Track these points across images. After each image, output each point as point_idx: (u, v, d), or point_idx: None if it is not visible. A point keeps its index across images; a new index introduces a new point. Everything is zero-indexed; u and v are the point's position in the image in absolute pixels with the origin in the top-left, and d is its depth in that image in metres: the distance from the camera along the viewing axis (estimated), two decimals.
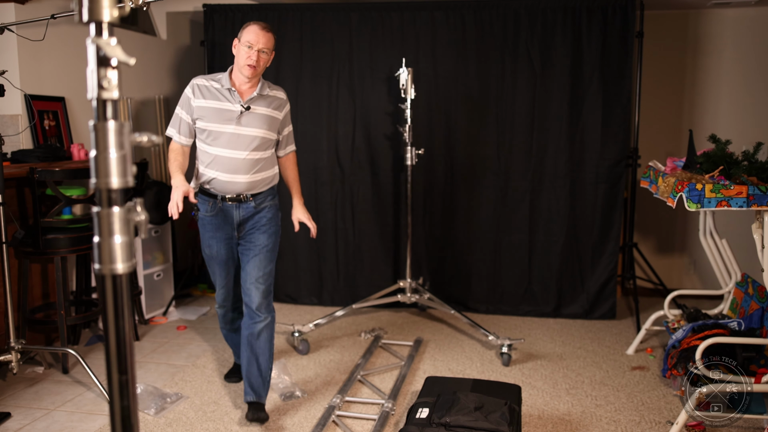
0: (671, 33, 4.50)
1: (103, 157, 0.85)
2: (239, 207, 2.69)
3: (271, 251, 2.76)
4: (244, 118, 2.63)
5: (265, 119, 2.67)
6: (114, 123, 0.85)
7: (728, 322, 2.97)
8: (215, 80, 2.67)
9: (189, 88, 2.68)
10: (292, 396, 2.94)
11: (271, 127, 2.71)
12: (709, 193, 2.65)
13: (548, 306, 4.15)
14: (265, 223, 2.75)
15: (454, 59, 4.07)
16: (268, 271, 2.75)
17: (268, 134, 2.69)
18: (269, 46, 2.65)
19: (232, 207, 2.69)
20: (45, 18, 2.96)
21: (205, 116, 2.63)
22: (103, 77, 0.83)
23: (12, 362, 2.99)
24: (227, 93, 2.63)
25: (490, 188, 4.14)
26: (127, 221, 0.87)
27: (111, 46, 0.83)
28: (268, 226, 2.75)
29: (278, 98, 2.76)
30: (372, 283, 4.24)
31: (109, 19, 0.83)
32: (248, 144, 2.62)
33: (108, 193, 0.85)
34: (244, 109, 2.62)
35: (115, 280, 0.86)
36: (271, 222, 2.77)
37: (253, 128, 2.64)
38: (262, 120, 2.66)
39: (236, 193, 2.67)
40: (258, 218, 2.74)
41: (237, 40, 2.65)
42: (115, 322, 0.87)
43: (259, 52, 2.60)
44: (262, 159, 2.69)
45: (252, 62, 2.59)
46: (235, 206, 2.69)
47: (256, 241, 2.73)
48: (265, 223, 2.75)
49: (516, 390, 2.65)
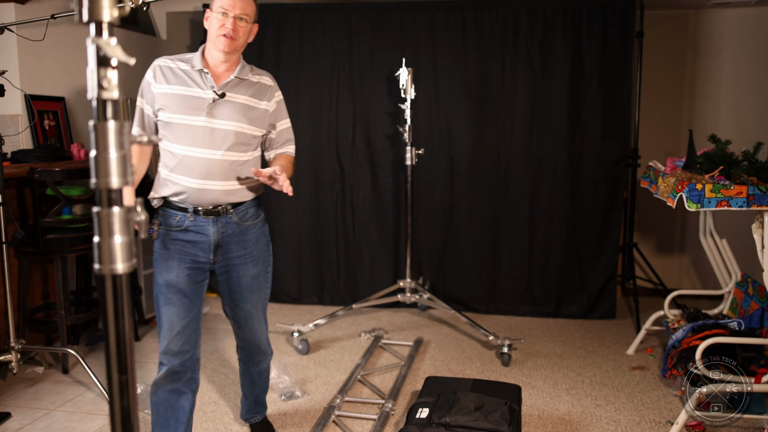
0: (671, 33, 4.50)
1: (103, 157, 0.85)
2: (217, 222, 2.15)
3: (265, 278, 2.32)
4: (219, 107, 2.10)
5: (244, 110, 2.15)
6: (114, 123, 0.85)
7: (728, 322, 2.97)
8: (184, 61, 2.13)
9: (150, 70, 2.13)
10: (292, 396, 2.94)
11: (254, 121, 2.18)
12: (709, 193, 2.65)
13: (548, 306, 4.15)
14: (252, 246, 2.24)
15: (454, 59, 4.07)
16: (267, 302, 2.37)
17: (250, 129, 2.16)
18: (248, 12, 2.11)
19: (208, 223, 2.14)
20: (45, 18, 2.96)
21: (169, 105, 2.09)
22: (103, 77, 0.83)
23: (12, 362, 2.99)
24: (198, 76, 2.11)
25: (490, 188, 4.14)
26: (127, 221, 0.87)
27: (111, 46, 0.83)
28: (255, 248, 2.25)
29: (264, 84, 2.23)
30: (372, 283, 4.24)
31: (109, 19, 0.83)
32: (223, 141, 2.09)
33: (108, 193, 0.85)
34: (217, 95, 2.09)
35: (115, 280, 0.86)
36: (258, 242, 2.27)
37: (230, 121, 2.10)
38: (240, 111, 2.13)
39: (212, 204, 2.13)
40: (241, 241, 2.21)
41: (208, 9, 2.12)
42: (115, 322, 0.87)
43: (236, 19, 2.07)
44: (243, 161, 2.15)
45: (227, 31, 2.06)
46: (211, 222, 2.14)
47: (243, 273, 2.24)
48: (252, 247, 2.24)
49: (516, 390, 2.65)
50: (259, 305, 2.33)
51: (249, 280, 2.26)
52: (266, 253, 2.33)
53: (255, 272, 2.27)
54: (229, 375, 3.21)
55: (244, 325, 2.33)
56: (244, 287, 2.27)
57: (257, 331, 2.35)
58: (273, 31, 4.21)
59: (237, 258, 2.23)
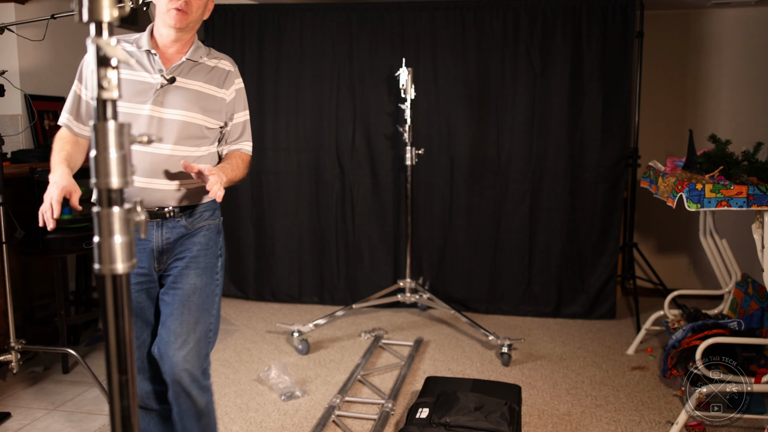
0: (671, 33, 4.50)
1: (103, 157, 0.85)
2: (162, 227, 1.86)
3: (205, 296, 1.89)
4: (168, 94, 1.81)
5: (197, 97, 1.85)
6: (114, 123, 0.85)
7: (728, 322, 2.98)
8: (129, 41, 1.86)
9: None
10: (292, 396, 2.94)
11: (210, 111, 1.88)
12: (709, 193, 2.65)
13: (548, 306, 4.15)
14: (197, 252, 1.89)
15: (454, 59, 4.07)
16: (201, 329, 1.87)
17: (203, 120, 1.86)
18: None
19: (152, 227, 1.85)
20: (45, 18, 2.96)
21: None
22: (103, 77, 0.84)
23: (12, 362, 2.99)
24: (145, 58, 1.83)
25: (490, 188, 4.14)
26: (127, 221, 0.87)
27: (111, 46, 0.83)
28: (202, 258, 1.90)
29: (222, 69, 1.92)
30: (372, 283, 4.24)
31: (109, 19, 0.83)
32: (173, 133, 1.81)
33: (108, 193, 0.85)
34: (166, 80, 1.81)
35: (115, 280, 0.86)
36: (207, 251, 1.91)
37: (180, 110, 1.82)
38: (193, 98, 1.84)
39: (157, 205, 1.84)
40: (187, 245, 1.89)
41: None
42: (115, 322, 0.87)
43: None
44: (196, 158, 1.86)
45: (179, 3, 1.76)
46: (155, 225, 1.85)
47: (181, 282, 1.87)
48: (197, 254, 1.89)
49: (516, 390, 2.65)
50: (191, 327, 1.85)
51: (187, 291, 1.86)
52: (214, 266, 1.93)
53: (196, 284, 1.87)
54: (229, 375, 3.21)
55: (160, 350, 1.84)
56: (178, 299, 1.85)
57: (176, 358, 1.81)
58: (273, 31, 4.21)
59: (177, 261, 1.89)
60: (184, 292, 1.86)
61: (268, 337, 3.74)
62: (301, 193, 4.31)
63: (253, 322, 4.00)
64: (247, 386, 3.07)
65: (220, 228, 1.99)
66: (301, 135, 4.26)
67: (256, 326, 3.93)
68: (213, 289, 1.92)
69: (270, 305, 4.36)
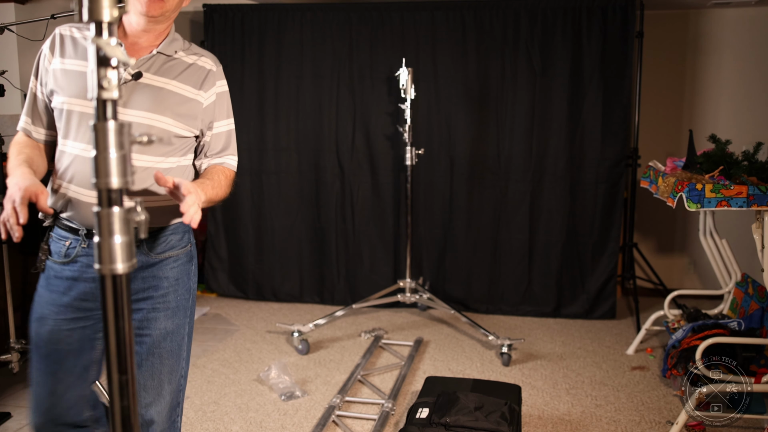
0: (671, 33, 4.50)
1: (103, 157, 0.85)
2: None
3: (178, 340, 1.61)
4: (132, 92, 1.51)
5: (166, 98, 1.54)
6: (114, 123, 0.85)
7: (728, 322, 2.98)
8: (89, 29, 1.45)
9: (47, 40, 1.56)
10: (292, 396, 2.94)
11: (180, 115, 1.55)
12: (709, 193, 2.65)
13: (548, 306, 4.15)
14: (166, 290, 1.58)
15: (454, 59, 4.07)
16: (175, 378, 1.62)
17: (173, 125, 1.54)
18: None
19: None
20: (45, 18, 2.96)
21: (64, 87, 1.51)
22: (103, 77, 0.84)
23: (12, 362, 2.99)
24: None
25: (490, 188, 4.14)
26: (127, 221, 0.87)
27: (111, 46, 0.83)
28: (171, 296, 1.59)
29: (200, 67, 1.61)
30: (372, 283, 4.24)
31: (109, 19, 0.83)
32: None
33: (108, 193, 0.86)
34: (131, 76, 1.50)
35: (115, 280, 0.86)
36: (177, 287, 1.61)
37: (145, 111, 1.51)
38: (160, 98, 1.53)
39: None
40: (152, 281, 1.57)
41: None
42: (115, 322, 0.87)
43: None
44: (163, 170, 1.53)
45: None
46: None
47: (149, 328, 1.57)
48: (166, 291, 1.58)
49: (516, 390, 2.65)
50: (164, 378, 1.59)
51: (157, 338, 1.57)
52: (186, 302, 1.63)
53: (167, 327, 1.59)
54: (229, 375, 3.21)
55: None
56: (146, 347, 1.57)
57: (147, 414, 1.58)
58: (273, 31, 4.21)
59: (141, 302, 1.57)
60: (152, 339, 1.57)
61: (268, 337, 3.74)
62: (301, 193, 4.31)
63: (253, 322, 4.00)
64: (247, 386, 3.08)
65: (191, 254, 1.65)
66: (301, 135, 4.26)
67: (256, 326, 3.93)
68: (186, 330, 1.64)
69: (270, 305, 4.36)
